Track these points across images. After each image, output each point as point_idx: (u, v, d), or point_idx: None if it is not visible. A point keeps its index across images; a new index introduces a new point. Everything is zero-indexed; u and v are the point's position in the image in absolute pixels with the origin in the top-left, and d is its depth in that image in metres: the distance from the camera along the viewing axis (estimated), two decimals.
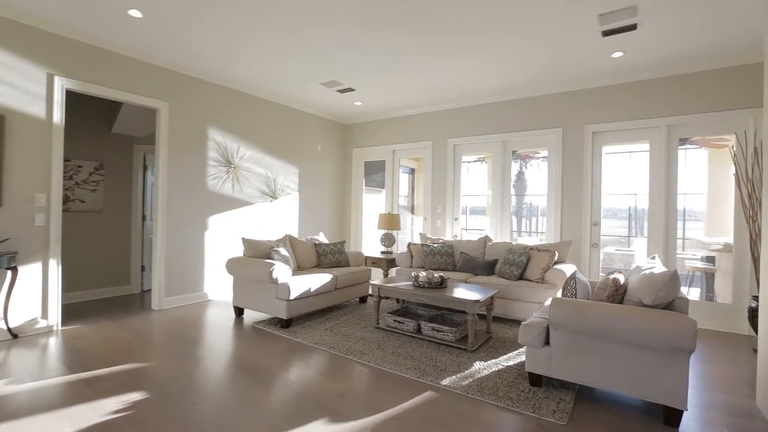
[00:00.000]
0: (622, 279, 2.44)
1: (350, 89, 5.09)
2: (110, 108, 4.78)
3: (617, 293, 2.41)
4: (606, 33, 3.40)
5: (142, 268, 5.15)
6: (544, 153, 5.21)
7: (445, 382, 2.57)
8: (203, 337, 3.43)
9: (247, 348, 3.18)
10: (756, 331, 3.41)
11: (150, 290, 5.15)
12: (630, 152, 5.01)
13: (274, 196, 5.59)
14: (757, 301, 3.42)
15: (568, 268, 3.91)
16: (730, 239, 5.13)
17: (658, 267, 2.39)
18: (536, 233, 7.27)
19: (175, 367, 2.76)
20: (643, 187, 4.86)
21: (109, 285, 4.85)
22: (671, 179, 4.24)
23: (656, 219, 4.31)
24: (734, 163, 3.87)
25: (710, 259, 5.58)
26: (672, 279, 2.11)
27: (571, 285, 2.63)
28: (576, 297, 2.59)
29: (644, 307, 2.22)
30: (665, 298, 2.15)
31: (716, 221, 6.21)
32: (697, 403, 2.41)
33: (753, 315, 3.40)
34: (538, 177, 6.65)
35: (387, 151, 6.46)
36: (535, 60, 4.00)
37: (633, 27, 3.28)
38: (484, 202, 7.02)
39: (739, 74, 3.82)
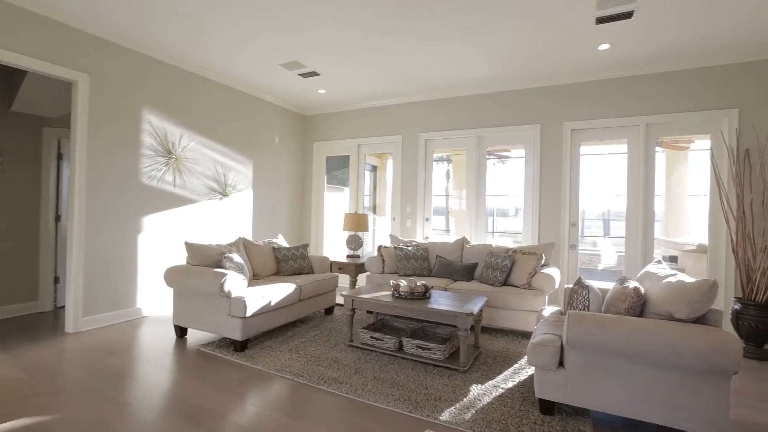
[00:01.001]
0: (642, 288, 2.15)
1: (314, 73, 4.52)
2: (9, 79, 3.82)
3: (637, 305, 2.12)
4: (600, 20, 3.17)
5: (56, 280, 4.21)
6: (513, 152, 4.98)
7: (444, 416, 2.13)
8: (132, 369, 2.71)
9: (190, 381, 2.53)
10: (740, 333, 3.35)
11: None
12: (587, 154, 4.90)
13: (224, 193, 4.86)
14: (741, 303, 3.36)
15: (555, 273, 3.66)
16: (688, 239, 5.23)
17: (682, 275, 2.13)
18: (492, 233, 7.13)
19: (88, 418, 2.07)
20: (589, 188, 4.77)
21: (9, 302, 3.87)
22: (649, 179, 4.14)
23: (633, 219, 4.20)
24: (712, 164, 3.83)
25: (673, 259, 5.71)
26: (711, 289, 1.84)
27: (582, 295, 2.31)
28: (590, 309, 2.28)
29: (674, 321, 1.93)
30: (700, 311, 1.87)
31: (674, 222, 6.41)
32: None
33: (737, 318, 3.33)
34: (499, 176, 6.48)
35: (352, 146, 5.94)
36: (519, 49, 3.70)
37: (629, 15, 3.07)
38: (443, 202, 6.77)
39: (719, 74, 3.78)
